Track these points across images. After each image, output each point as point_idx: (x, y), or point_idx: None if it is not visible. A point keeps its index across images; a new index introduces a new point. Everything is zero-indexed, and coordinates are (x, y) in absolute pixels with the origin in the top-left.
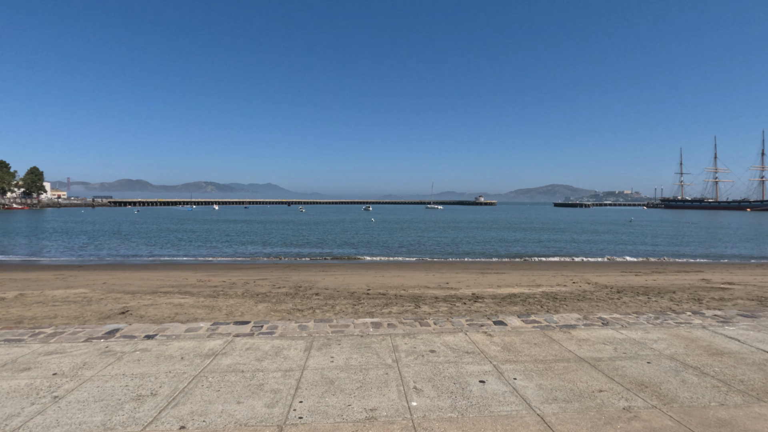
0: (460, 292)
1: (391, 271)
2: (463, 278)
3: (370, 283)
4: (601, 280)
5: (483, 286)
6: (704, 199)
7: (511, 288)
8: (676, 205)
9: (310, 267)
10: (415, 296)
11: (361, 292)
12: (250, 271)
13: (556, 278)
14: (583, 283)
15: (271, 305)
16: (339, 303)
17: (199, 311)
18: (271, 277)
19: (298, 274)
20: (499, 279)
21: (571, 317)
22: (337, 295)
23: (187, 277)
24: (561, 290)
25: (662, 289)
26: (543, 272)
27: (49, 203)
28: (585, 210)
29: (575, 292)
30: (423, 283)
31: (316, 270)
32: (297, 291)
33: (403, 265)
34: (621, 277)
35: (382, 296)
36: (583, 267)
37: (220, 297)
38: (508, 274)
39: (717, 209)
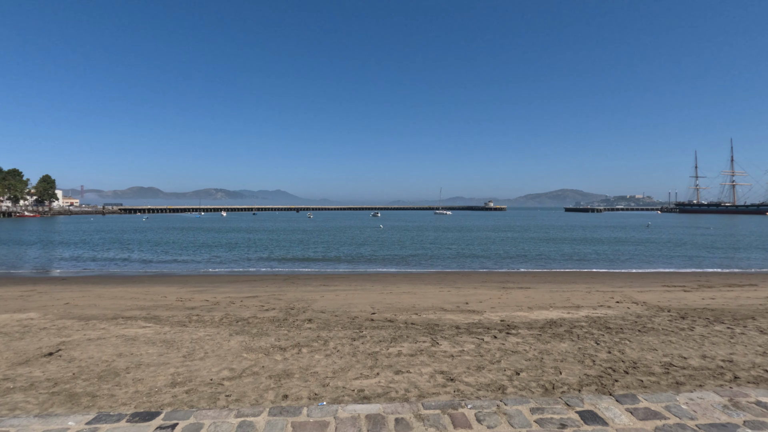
0: (485, 317)
1: (401, 286)
2: (484, 295)
3: (376, 303)
4: (647, 298)
5: (510, 308)
6: (721, 203)
7: (545, 311)
8: (692, 209)
9: (311, 279)
10: (431, 324)
11: (364, 317)
12: (243, 285)
13: (592, 295)
14: (629, 303)
15: (248, 340)
16: (335, 336)
17: (152, 350)
18: (264, 294)
19: (296, 288)
20: (526, 296)
21: (707, 399)
22: (335, 322)
23: (169, 293)
24: (608, 314)
25: (734, 312)
26: (573, 286)
27: (61, 211)
28: (597, 215)
29: (628, 318)
30: (438, 303)
31: (317, 283)
32: (287, 314)
33: (414, 278)
34: (668, 293)
35: (389, 324)
36: (616, 279)
37: (191, 325)
38: (534, 288)
39: (735, 213)
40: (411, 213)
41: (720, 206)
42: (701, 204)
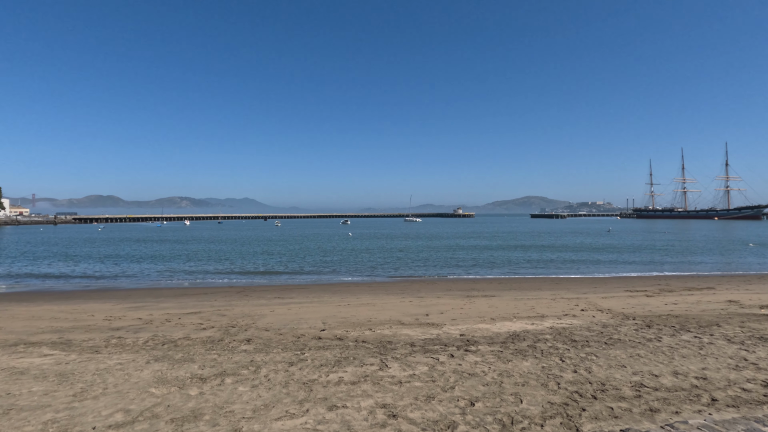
0: (444, 330)
1: (361, 296)
2: (447, 305)
3: (329, 317)
4: (612, 304)
5: (472, 319)
6: (674, 208)
7: (508, 322)
8: (648, 215)
9: (267, 291)
10: (384, 342)
11: (312, 335)
12: (190, 300)
13: (557, 303)
14: (594, 310)
15: (166, 368)
16: (271, 360)
17: (37, 387)
18: (208, 310)
19: (247, 302)
20: (490, 306)
21: None
22: (276, 342)
23: (100, 311)
24: (574, 324)
25: (698, 319)
26: (538, 293)
27: (7, 221)
28: (561, 221)
29: (594, 329)
30: (396, 316)
31: (272, 296)
32: (225, 334)
33: (377, 287)
34: (631, 299)
35: (337, 343)
36: (580, 284)
37: (105, 350)
38: (499, 297)
39: (687, 218)
40: (381, 220)
41: (673, 211)
42: (656, 210)
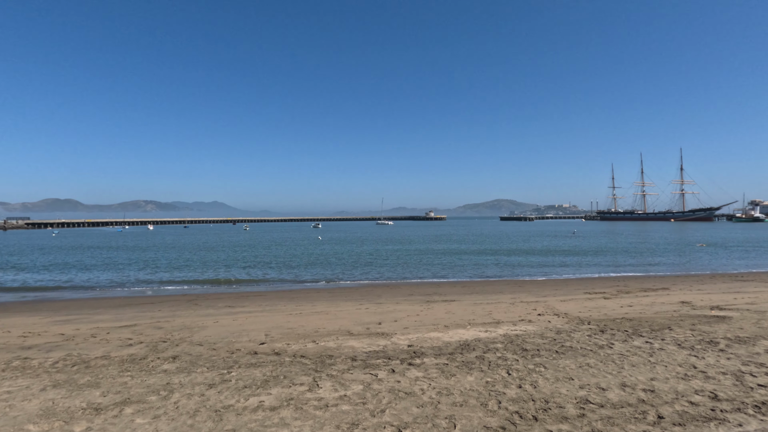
0: (393, 341)
1: (318, 304)
2: (403, 312)
3: (275, 328)
4: (570, 308)
5: (426, 327)
6: (635, 211)
7: (462, 329)
8: (610, 217)
9: (220, 299)
10: (324, 356)
11: (248, 350)
12: (131, 310)
13: (516, 307)
14: (551, 315)
15: (62, 396)
16: (190, 381)
17: None
18: (145, 322)
19: (193, 312)
20: (448, 312)
21: None
22: (205, 359)
23: (21, 326)
24: (528, 331)
25: (651, 322)
26: (498, 297)
27: None
28: (529, 223)
29: (547, 336)
30: (347, 325)
31: (223, 304)
32: (152, 350)
33: (338, 293)
34: (589, 301)
35: (273, 358)
36: (542, 287)
37: (2, 374)
38: (459, 301)
39: (646, 220)
40: (354, 224)
41: (634, 214)
42: (618, 212)
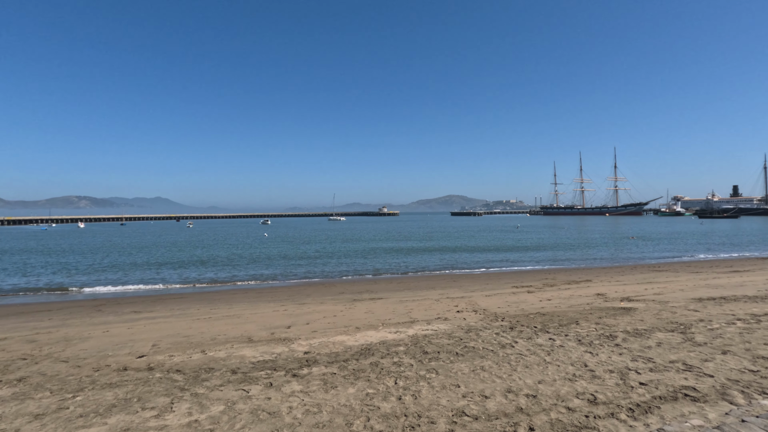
0: (292, 347)
1: (236, 306)
2: (322, 313)
3: (169, 336)
4: (491, 303)
5: (336, 330)
6: (574, 206)
7: (372, 331)
8: (553, 212)
9: (131, 303)
10: (203, 369)
11: (117, 366)
12: (15, 320)
13: (439, 304)
14: (470, 312)
15: None
16: (18, 411)
17: None
18: (20, 334)
19: (88, 319)
20: (368, 311)
21: None
22: (57, 380)
23: None
24: (438, 331)
25: (562, 316)
26: (427, 293)
27: None
28: (478, 218)
29: (456, 335)
30: (252, 330)
31: (131, 309)
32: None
33: (266, 293)
34: (513, 296)
35: (142, 374)
36: (475, 282)
37: None
38: (386, 299)
39: (584, 215)
40: (305, 220)
41: (573, 208)
42: (560, 207)
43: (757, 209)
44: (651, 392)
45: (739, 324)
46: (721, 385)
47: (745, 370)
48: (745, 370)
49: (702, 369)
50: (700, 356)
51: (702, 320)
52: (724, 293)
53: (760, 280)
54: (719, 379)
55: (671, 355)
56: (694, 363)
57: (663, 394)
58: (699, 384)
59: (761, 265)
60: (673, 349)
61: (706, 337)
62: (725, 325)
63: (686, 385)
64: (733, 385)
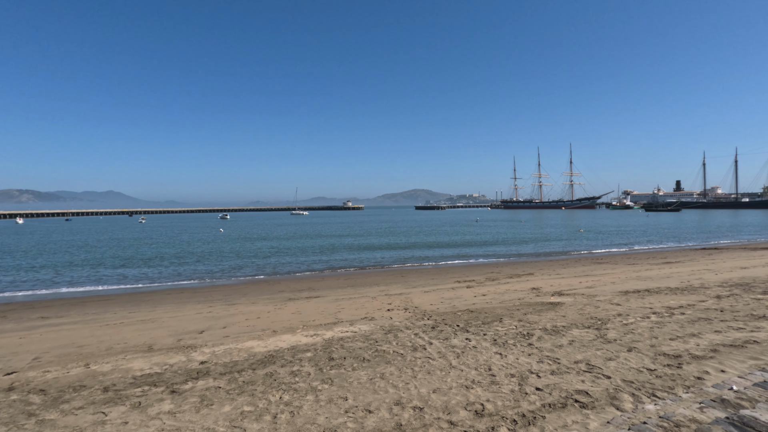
0: (190, 357)
1: (158, 308)
2: (247, 314)
3: (59, 347)
4: (426, 300)
5: (250, 335)
6: (533, 200)
7: (287, 335)
8: (513, 205)
9: (47, 307)
10: (73, 387)
11: None
12: None
13: (375, 301)
14: (400, 310)
15: None
16: None
17: None
18: None
19: None
20: (297, 311)
21: None
22: None
23: None
24: (358, 332)
25: (489, 313)
26: (367, 290)
27: None
28: (441, 212)
29: (373, 337)
30: (159, 337)
31: (38, 315)
32: None
33: (200, 293)
34: (451, 291)
35: None
36: (420, 276)
37: None
38: (322, 297)
39: (542, 208)
40: (267, 214)
41: (532, 202)
42: (519, 201)
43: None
44: (543, 399)
45: (653, 318)
46: (614, 388)
47: (643, 369)
48: (644, 369)
49: (602, 369)
50: (606, 354)
51: (620, 314)
52: (649, 285)
53: (686, 271)
54: (615, 380)
55: (579, 354)
56: (597, 363)
57: (554, 400)
58: (594, 387)
59: (692, 256)
60: (583, 347)
61: (619, 333)
62: (640, 319)
63: (580, 390)
64: (626, 387)
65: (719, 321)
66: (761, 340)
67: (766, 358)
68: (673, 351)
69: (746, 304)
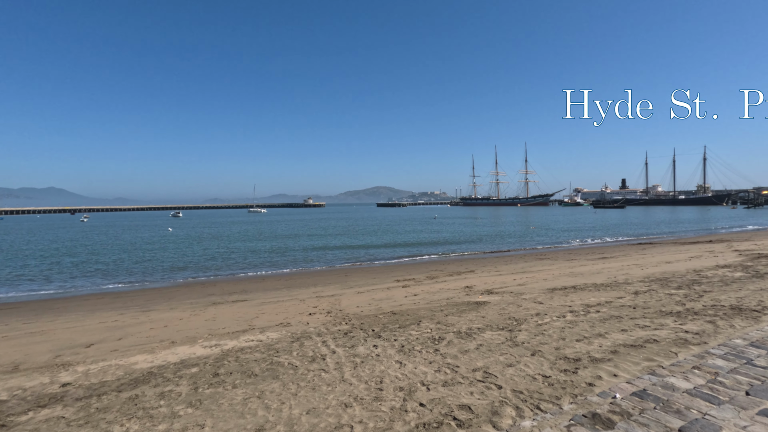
0: (53, 379)
1: (60, 317)
2: (155, 322)
3: None
4: (354, 302)
5: (144, 347)
6: (491, 197)
7: (185, 346)
8: (471, 202)
9: None
10: None
11: None
12: None
13: (302, 304)
14: (322, 314)
15: None
16: None
17: None
18: None
19: None
20: (213, 317)
21: None
22: None
23: None
24: (263, 341)
25: (412, 315)
26: (299, 292)
27: None
28: (402, 209)
29: (276, 346)
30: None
31: None
32: None
33: (121, 298)
34: (385, 292)
35: None
36: (363, 275)
37: None
38: (251, 300)
39: (499, 205)
40: (223, 212)
41: (490, 200)
42: (478, 198)
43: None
44: (421, 417)
45: (569, 317)
46: (501, 401)
47: (538, 377)
48: (539, 376)
49: (497, 378)
50: (508, 360)
51: (538, 314)
52: (578, 282)
53: (616, 266)
54: (505, 391)
55: (480, 360)
56: (495, 370)
57: (432, 419)
58: (480, 400)
59: (627, 251)
60: (489, 352)
61: (530, 334)
62: (555, 318)
63: (464, 404)
64: (513, 399)
65: (629, 319)
66: (660, 339)
67: (659, 359)
68: (575, 354)
69: (658, 300)
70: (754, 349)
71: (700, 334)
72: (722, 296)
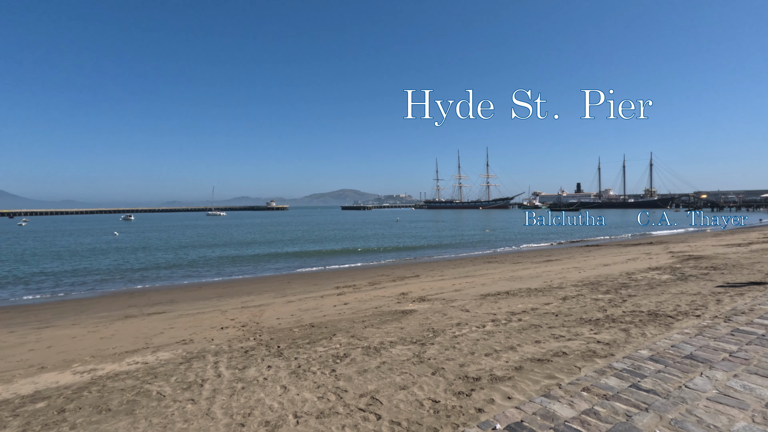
0: None
1: None
2: (39, 342)
3: None
4: (277, 313)
5: (7, 374)
6: (454, 200)
7: (52, 373)
8: (435, 205)
9: None
10: None
11: None
12: None
13: (223, 315)
14: (235, 328)
15: None
16: None
17: None
18: None
19: None
20: (112, 334)
21: None
22: None
23: None
24: (148, 364)
25: (328, 328)
26: (228, 302)
27: None
28: (366, 212)
29: (160, 370)
30: None
31: None
32: None
33: (27, 311)
34: (317, 300)
35: None
36: (305, 281)
37: None
38: (169, 312)
39: (462, 208)
40: (180, 215)
41: (453, 203)
42: (441, 201)
43: (594, 203)
44: None
45: (489, 326)
46: None
47: (426, 402)
48: (427, 401)
49: (382, 405)
50: (403, 381)
51: (459, 324)
52: (513, 287)
53: (556, 269)
54: (382, 423)
55: (374, 383)
56: (385, 395)
57: None
58: None
59: (572, 254)
60: (389, 371)
61: (441, 348)
62: (474, 329)
63: None
64: None
65: (547, 328)
66: (570, 351)
67: (561, 376)
68: (477, 371)
69: (582, 306)
70: (652, 363)
71: (611, 344)
72: (644, 300)
